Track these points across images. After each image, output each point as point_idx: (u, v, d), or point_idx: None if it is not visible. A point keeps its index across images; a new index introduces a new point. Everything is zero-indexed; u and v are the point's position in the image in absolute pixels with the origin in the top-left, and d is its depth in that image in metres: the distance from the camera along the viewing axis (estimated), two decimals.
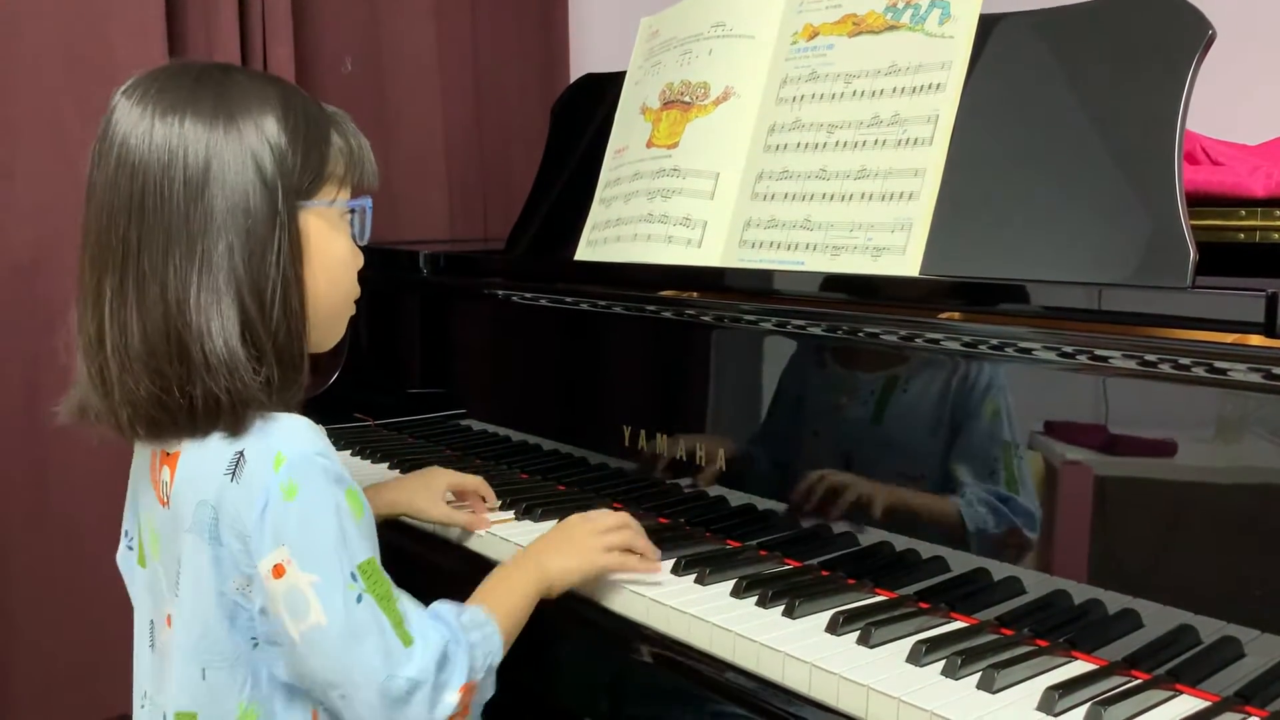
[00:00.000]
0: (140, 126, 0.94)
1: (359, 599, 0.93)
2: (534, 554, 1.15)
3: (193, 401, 0.93)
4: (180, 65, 1.00)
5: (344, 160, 1.03)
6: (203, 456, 0.95)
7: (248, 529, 0.92)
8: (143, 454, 1.04)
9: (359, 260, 1.07)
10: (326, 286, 1.02)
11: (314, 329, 1.02)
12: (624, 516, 1.21)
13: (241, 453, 0.94)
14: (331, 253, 1.02)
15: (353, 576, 0.93)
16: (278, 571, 0.92)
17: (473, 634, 1.00)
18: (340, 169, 1.03)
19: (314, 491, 0.93)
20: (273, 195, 0.95)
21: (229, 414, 0.94)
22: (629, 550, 1.18)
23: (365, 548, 0.95)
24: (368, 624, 0.93)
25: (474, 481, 1.41)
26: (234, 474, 0.93)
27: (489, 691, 1.02)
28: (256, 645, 0.96)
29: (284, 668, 0.96)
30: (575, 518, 1.21)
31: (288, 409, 0.97)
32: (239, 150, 0.94)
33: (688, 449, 1.34)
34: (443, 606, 1.02)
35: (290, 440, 0.94)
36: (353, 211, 1.05)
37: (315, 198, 1.00)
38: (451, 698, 0.96)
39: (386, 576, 0.97)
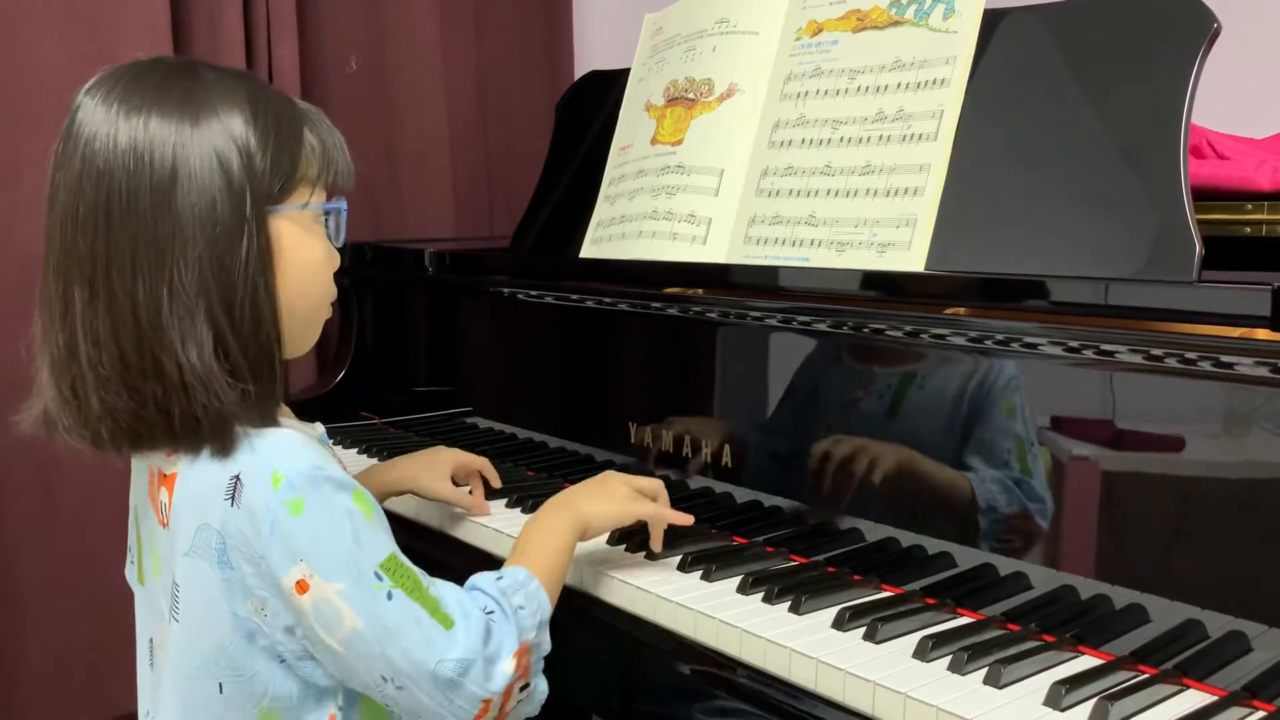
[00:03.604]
0: (104, 128, 0.92)
1: (389, 596, 0.92)
2: (566, 499, 1.15)
3: (170, 418, 0.91)
4: (147, 63, 0.96)
5: (317, 161, 0.99)
6: (199, 479, 0.93)
7: (259, 551, 0.91)
8: (140, 471, 1.03)
9: (335, 262, 1.03)
10: (298, 292, 0.97)
11: (290, 335, 0.99)
12: (658, 481, 1.22)
13: (237, 476, 0.92)
14: (304, 258, 0.98)
15: (377, 575, 0.92)
16: (301, 588, 0.90)
17: (515, 597, 0.99)
18: (313, 170, 0.98)
19: (321, 501, 0.91)
20: (240, 201, 0.92)
21: (210, 432, 0.91)
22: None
23: (383, 545, 0.94)
24: (403, 618, 0.92)
25: (479, 461, 1.41)
26: (233, 499, 0.91)
27: (546, 647, 1.01)
28: (284, 662, 0.95)
29: (324, 675, 0.95)
30: (608, 472, 1.22)
31: (266, 422, 0.95)
32: (206, 154, 0.91)
33: (693, 446, 1.34)
34: (480, 578, 1.01)
35: (284, 457, 0.92)
36: (327, 214, 1.01)
37: (287, 201, 0.96)
38: (506, 666, 0.95)
39: (412, 566, 0.95)
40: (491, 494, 1.43)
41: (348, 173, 1.03)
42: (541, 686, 1.01)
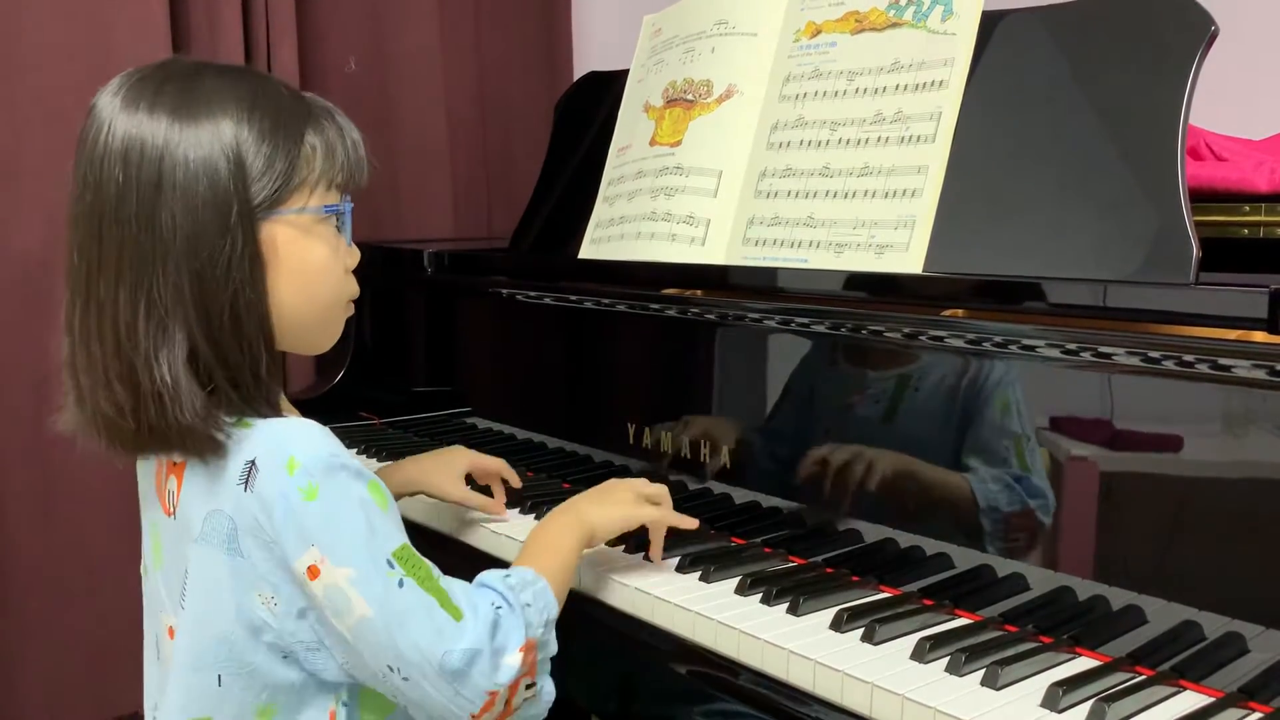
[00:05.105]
0: (104, 133, 0.92)
1: (400, 584, 0.92)
2: (572, 506, 1.15)
3: (141, 426, 0.91)
4: (154, 66, 0.96)
5: (320, 162, 0.97)
6: (213, 465, 0.94)
7: (272, 535, 0.91)
8: (147, 464, 1.03)
9: (352, 258, 1.03)
10: (302, 297, 0.97)
11: (298, 337, 0.99)
12: (662, 487, 1.22)
13: (253, 462, 0.92)
14: (305, 262, 0.97)
15: (389, 564, 0.92)
16: (312, 573, 0.90)
17: (523, 594, 0.99)
18: (314, 173, 0.97)
19: (335, 488, 0.91)
20: (224, 210, 0.91)
21: (192, 440, 0.92)
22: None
23: (395, 535, 0.94)
24: (413, 606, 0.92)
25: (495, 464, 1.39)
26: (246, 483, 0.92)
27: (553, 648, 1.01)
28: (286, 657, 0.95)
29: (336, 668, 0.95)
30: (613, 479, 1.22)
31: (262, 414, 0.95)
32: (193, 161, 0.90)
33: (691, 446, 1.34)
34: (488, 575, 1.01)
35: (301, 443, 0.92)
36: (333, 215, 0.99)
37: (283, 206, 0.95)
38: (512, 660, 0.95)
39: (424, 558, 0.95)
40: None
41: (359, 170, 1.02)
42: (548, 688, 1.01)
